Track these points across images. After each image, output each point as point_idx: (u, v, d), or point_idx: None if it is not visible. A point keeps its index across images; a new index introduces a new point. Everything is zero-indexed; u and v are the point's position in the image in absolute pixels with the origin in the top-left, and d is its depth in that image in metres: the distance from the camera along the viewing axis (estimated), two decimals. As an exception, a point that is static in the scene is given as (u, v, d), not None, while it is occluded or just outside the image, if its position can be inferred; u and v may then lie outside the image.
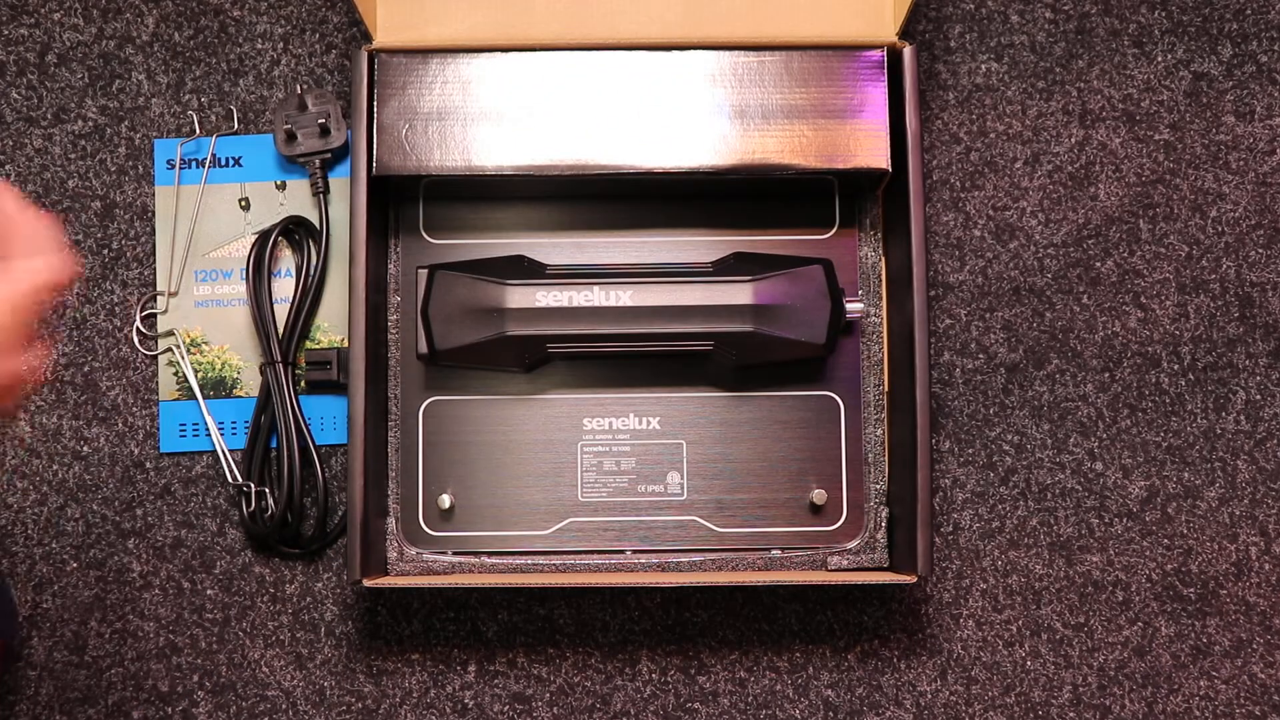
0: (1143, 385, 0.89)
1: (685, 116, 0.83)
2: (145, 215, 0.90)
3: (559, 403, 0.86)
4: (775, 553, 0.85)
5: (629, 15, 0.84)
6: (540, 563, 0.85)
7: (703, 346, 0.83)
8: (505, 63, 0.84)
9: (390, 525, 0.85)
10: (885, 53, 0.84)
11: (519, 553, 0.85)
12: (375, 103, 0.83)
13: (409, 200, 0.87)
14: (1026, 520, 0.88)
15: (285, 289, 0.89)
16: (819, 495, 0.85)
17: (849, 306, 0.84)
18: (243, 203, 0.90)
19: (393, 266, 0.87)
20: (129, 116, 0.91)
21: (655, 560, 0.85)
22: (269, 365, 0.87)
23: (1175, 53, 0.92)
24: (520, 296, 0.82)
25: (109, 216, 0.90)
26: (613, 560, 0.85)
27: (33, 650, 0.87)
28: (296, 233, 0.89)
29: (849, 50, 0.84)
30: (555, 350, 0.83)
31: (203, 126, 0.91)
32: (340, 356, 0.87)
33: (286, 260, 0.90)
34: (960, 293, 0.90)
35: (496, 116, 0.83)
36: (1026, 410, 0.89)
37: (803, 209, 0.87)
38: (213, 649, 0.87)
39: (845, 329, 0.85)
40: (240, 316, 0.89)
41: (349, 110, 0.88)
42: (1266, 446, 0.89)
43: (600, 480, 0.85)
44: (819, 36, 0.84)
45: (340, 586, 0.88)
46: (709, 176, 0.83)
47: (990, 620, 0.87)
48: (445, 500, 0.85)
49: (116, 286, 0.90)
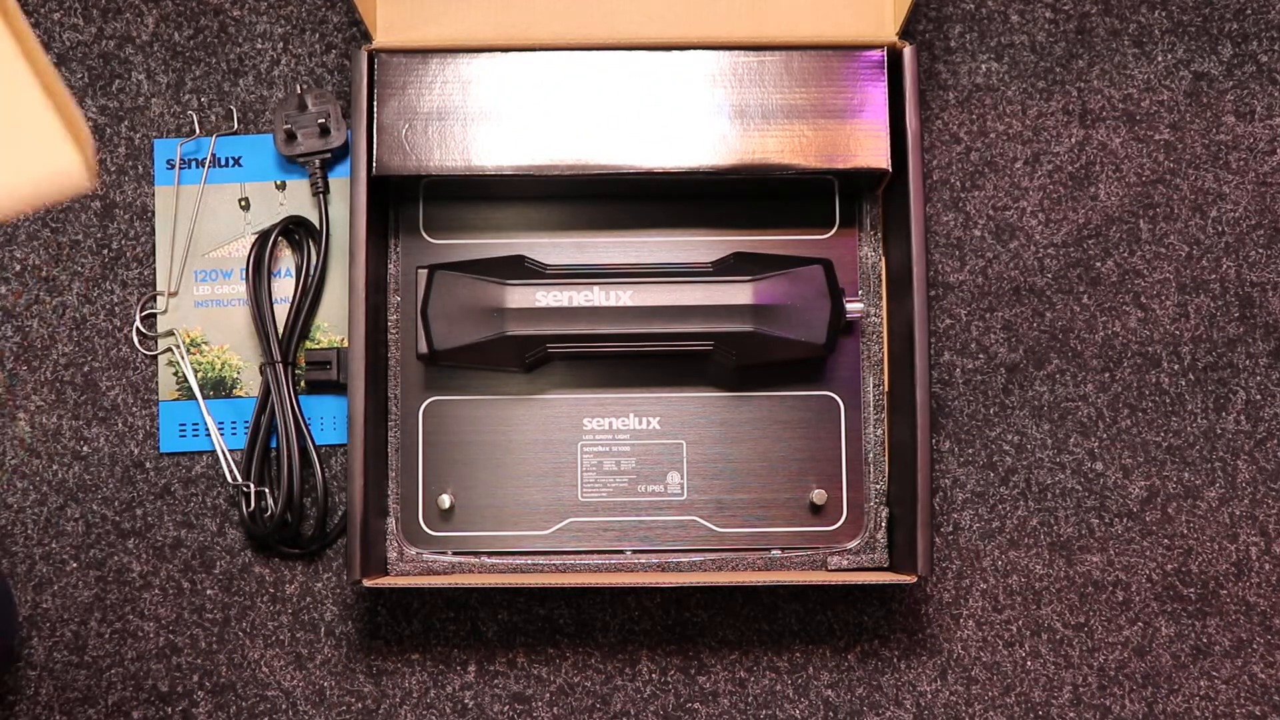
0: (1143, 385, 0.89)
1: (685, 116, 0.83)
2: (145, 215, 0.90)
3: (559, 403, 0.86)
4: (775, 553, 0.85)
5: (629, 15, 0.84)
6: (540, 563, 0.85)
7: (703, 346, 0.83)
8: (505, 63, 0.84)
9: (390, 525, 0.85)
10: (885, 53, 0.84)
11: (519, 553, 0.85)
12: (375, 103, 0.83)
13: (409, 200, 0.87)
14: (1027, 520, 0.88)
15: (285, 289, 0.89)
16: (819, 495, 0.85)
17: (849, 306, 0.84)
18: (243, 203, 0.90)
19: (393, 266, 0.87)
20: (129, 116, 0.91)
21: (655, 560, 0.85)
22: (269, 365, 0.87)
23: (1175, 53, 0.92)
24: (520, 296, 0.82)
25: (109, 216, 0.90)
26: (613, 560, 0.85)
27: (33, 650, 0.87)
28: (296, 233, 0.89)
29: (849, 50, 0.84)
30: (555, 350, 0.83)
31: (203, 126, 0.91)
32: (340, 356, 0.87)
33: (286, 260, 0.90)
34: (960, 293, 0.90)
35: (496, 116, 0.83)
36: (1026, 410, 0.89)
37: (803, 209, 0.87)
38: (213, 649, 0.87)
39: (845, 329, 0.85)
40: (240, 316, 0.89)
41: (349, 110, 0.88)
42: (1266, 446, 0.89)
43: (600, 480, 0.85)
44: (819, 36, 0.84)
45: (340, 586, 0.88)
46: (709, 176, 0.83)
47: (990, 620, 0.87)
48: (445, 500, 0.85)
49: (116, 286, 0.90)
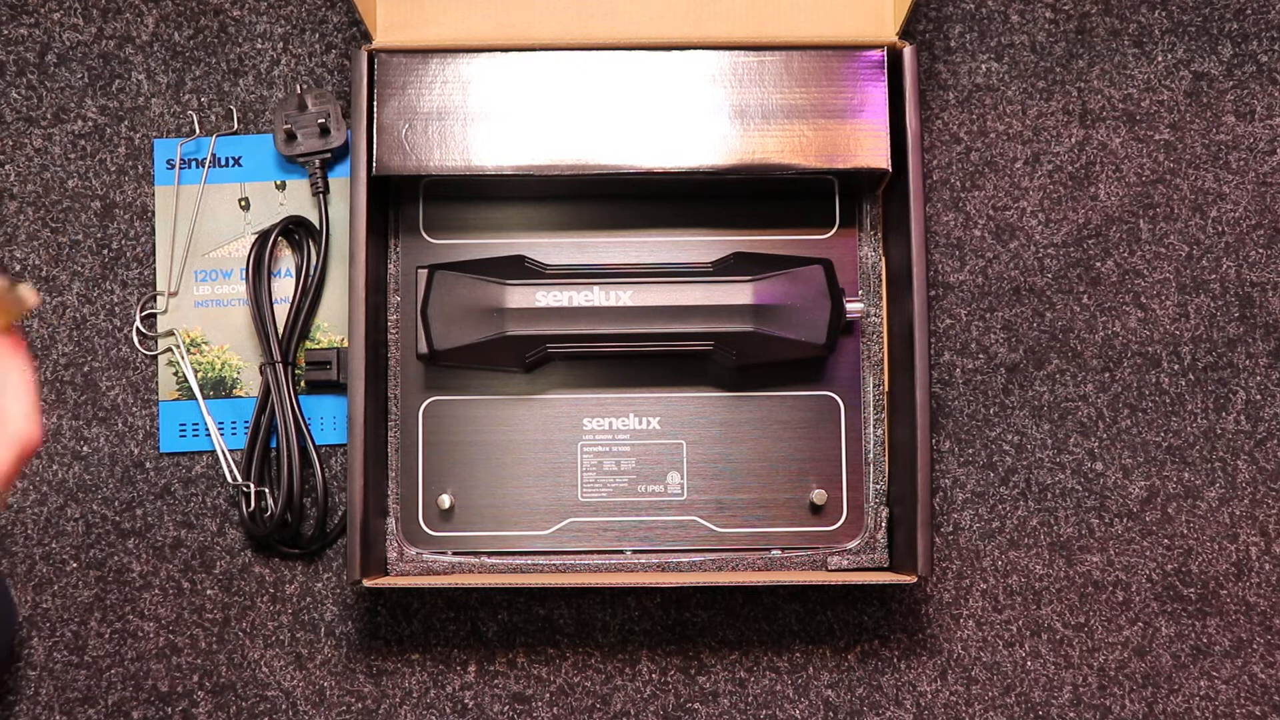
0: (1143, 385, 0.89)
1: (685, 116, 0.83)
2: (145, 215, 0.90)
3: (559, 403, 0.86)
4: (775, 553, 0.85)
5: (629, 15, 0.84)
6: (540, 563, 0.85)
7: (703, 346, 0.83)
8: (505, 63, 0.84)
9: (390, 525, 0.85)
10: (885, 53, 0.84)
11: (519, 553, 0.85)
12: (375, 103, 0.83)
13: (409, 200, 0.87)
14: (1027, 520, 0.88)
15: (285, 289, 0.89)
16: (819, 495, 0.85)
17: (849, 306, 0.84)
18: (242, 203, 0.90)
19: (393, 266, 0.87)
20: (129, 116, 0.91)
21: (655, 560, 0.85)
22: (269, 365, 0.87)
23: (1175, 53, 0.92)
24: (520, 296, 0.82)
25: (109, 216, 0.90)
26: (613, 560, 0.85)
27: (33, 650, 0.87)
28: (296, 233, 0.89)
29: (849, 50, 0.84)
30: (555, 350, 0.83)
31: (203, 126, 0.91)
32: (340, 356, 0.87)
33: (286, 260, 0.90)
34: (960, 293, 0.90)
35: (496, 116, 0.83)
36: (1026, 410, 0.89)
37: (803, 209, 0.87)
38: (213, 649, 0.87)
39: (845, 329, 0.85)
40: (240, 316, 0.89)
41: (349, 110, 0.88)
42: (1266, 446, 0.89)
43: (600, 480, 0.85)
44: (819, 36, 0.84)
45: (340, 586, 0.88)
46: (709, 176, 0.83)
47: (990, 620, 0.87)
48: (445, 500, 0.85)
49: (116, 286, 0.90)
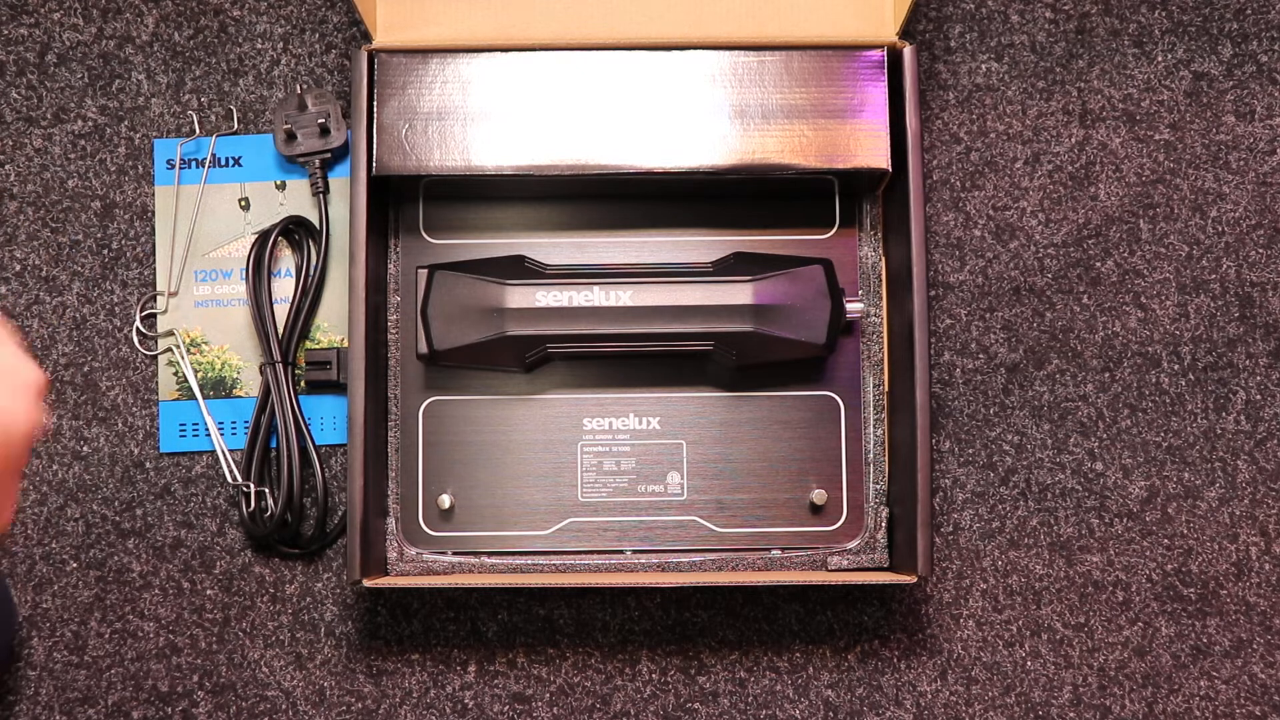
0: (1143, 385, 0.89)
1: (685, 116, 0.83)
2: (145, 215, 0.90)
3: (559, 403, 0.86)
4: (775, 553, 0.85)
5: (629, 15, 0.84)
6: (540, 563, 0.85)
7: (703, 346, 0.83)
8: (505, 63, 0.84)
9: (390, 525, 0.85)
10: (885, 53, 0.84)
11: (519, 553, 0.85)
12: (375, 103, 0.83)
13: (409, 200, 0.87)
14: (1027, 520, 0.88)
15: (285, 289, 0.89)
16: (819, 495, 0.85)
17: (849, 306, 0.84)
18: (242, 203, 0.90)
19: (393, 266, 0.87)
20: (129, 116, 0.91)
21: (655, 560, 0.85)
22: (269, 365, 0.87)
23: (1175, 52, 0.92)
24: (520, 296, 0.82)
25: (109, 216, 0.90)
26: (613, 560, 0.85)
27: (33, 650, 0.87)
28: (296, 233, 0.89)
29: (849, 50, 0.84)
30: (555, 350, 0.83)
31: (203, 126, 0.91)
32: (340, 356, 0.87)
33: (286, 260, 0.90)
34: (960, 293, 0.90)
35: (496, 116, 0.83)
36: (1026, 410, 0.89)
37: (803, 209, 0.87)
38: (213, 649, 0.87)
39: (845, 329, 0.85)
40: (240, 316, 0.89)
41: (349, 110, 0.88)
42: (1266, 446, 0.89)
43: (600, 480, 0.85)
44: (819, 36, 0.84)
45: (340, 586, 0.88)
46: (709, 176, 0.83)
47: (990, 620, 0.87)
48: (445, 500, 0.85)
49: (116, 286, 0.90)
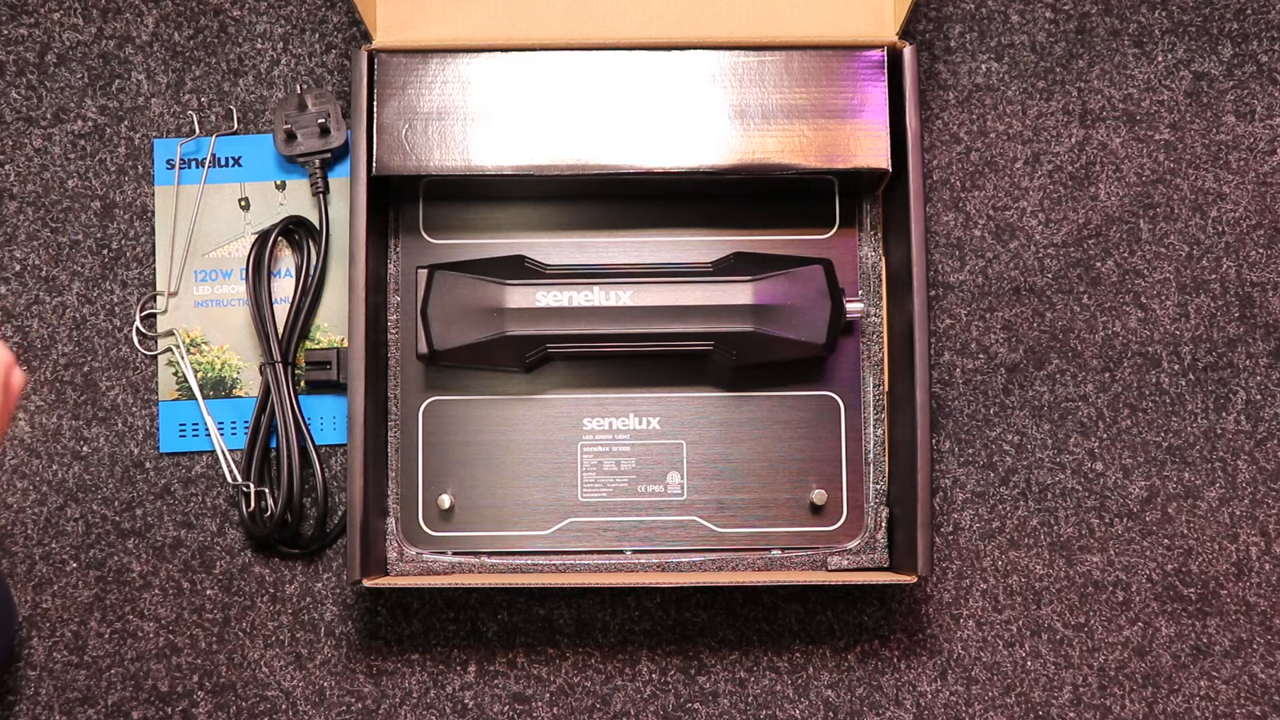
0: (1143, 385, 0.89)
1: (685, 116, 0.83)
2: (145, 215, 0.90)
3: (559, 403, 0.86)
4: (775, 553, 0.85)
5: (629, 15, 0.84)
6: (540, 563, 0.85)
7: (703, 346, 0.83)
8: (505, 63, 0.84)
9: (390, 525, 0.85)
10: (885, 53, 0.84)
11: (519, 553, 0.85)
12: (375, 103, 0.83)
13: (409, 200, 0.87)
14: (1027, 520, 0.88)
15: (285, 289, 0.89)
16: (819, 495, 0.85)
17: (849, 306, 0.84)
18: (242, 203, 0.90)
19: (393, 266, 0.87)
20: (129, 116, 0.91)
21: (655, 560, 0.85)
22: (269, 365, 0.87)
23: (1175, 53, 0.92)
24: (520, 296, 0.82)
25: (109, 216, 0.90)
26: (613, 560, 0.85)
27: (33, 650, 0.87)
28: (296, 233, 0.89)
29: (849, 50, 0.84)
30: (555, 350, 0.83)
31: (202, 126, 0.91)
32: (340, 356, 0.87)
33: (286, 260, 0.90)
34: (960, 293, 0.90)
35: (496, 116, 0.83)
36: (1026, 410, 0.89)
37: (803, 209, 0.87)
38: (213, 649, 0.87)
39: (845, 329, 0.85)
40: (240, 316, 0.89)
41: (349, 110, 0.88)
42: (1266, 446, 0.89)
43: (600, 480, 0.85)
44: (819, 36, 0.84)
45: (340, 586, 0.88)
46: (709, 176, 0.83)
47: (990, 620, 0.87)
48: (445, 500, 0.85)
49: (116, 286, 0.90)
